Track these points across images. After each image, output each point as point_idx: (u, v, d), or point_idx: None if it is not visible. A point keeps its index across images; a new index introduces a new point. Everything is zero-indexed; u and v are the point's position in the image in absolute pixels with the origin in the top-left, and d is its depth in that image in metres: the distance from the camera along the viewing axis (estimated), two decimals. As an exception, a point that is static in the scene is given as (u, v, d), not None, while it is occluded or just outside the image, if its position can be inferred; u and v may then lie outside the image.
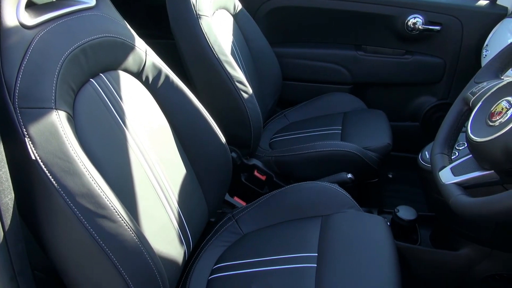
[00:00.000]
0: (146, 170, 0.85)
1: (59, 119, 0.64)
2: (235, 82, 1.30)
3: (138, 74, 0.91)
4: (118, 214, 0.67)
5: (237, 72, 1.32)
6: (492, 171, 0.70)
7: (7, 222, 0.58)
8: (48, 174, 0.61)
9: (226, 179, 1.11)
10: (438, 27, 1.68)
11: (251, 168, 1.47)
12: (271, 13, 1.83)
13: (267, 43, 1.76)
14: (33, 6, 0.75)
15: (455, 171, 0.77)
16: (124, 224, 0.67)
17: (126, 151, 0.81)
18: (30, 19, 0.68)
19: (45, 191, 0.62)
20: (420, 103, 1.85)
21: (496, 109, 0.70)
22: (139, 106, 0.89)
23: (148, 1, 1.90)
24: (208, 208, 1.06)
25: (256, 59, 1.70)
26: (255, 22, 1.73)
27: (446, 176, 0.77)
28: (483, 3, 1.67)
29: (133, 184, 0.80)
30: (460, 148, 0.97)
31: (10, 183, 0.59)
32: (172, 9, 1.29)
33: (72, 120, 0.70)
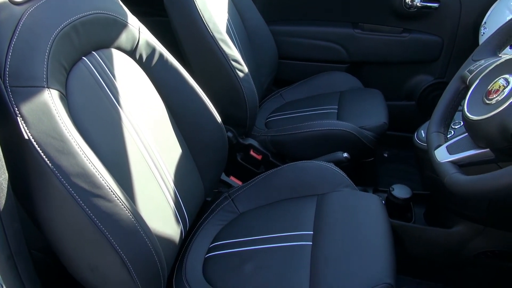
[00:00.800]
0: (141, 149, 0.85)
1: (51, 98, 0.63)
2: (231, 61, 1.29)
3: (132, 52, 0.90)
4: (114, 194, 0.66)
5: (232, 51, 1.30)
6: (488, 150, 0.70)
7: (2, 202, 0.58)
8: (42, 154, 0.60)
9: (222, 158, 1.11)
10: (436, 4, 1.66)
11: (247, 147, 1.47)
12: (267, -10, 1.80)
13: (263, 21, 1.73)
14: (21, -19, 0.73)
15: (451, 150, 0.77)
16: (120, 203, 0.67)
17: (121, 130, 0.80)
18: (18, -5, 0.66)
19: (39, 171, 0.61)
20: (416, 82, 1.84)
21: (493, 87, 0.69)
22: (133, 85, 0.88)
23: (141, -23, 1.86)
24: (204, 188, 1.07)
25: (251, 37, 1.68)
26: (251, -1, 1.70)
27: (442, 154, 0.77)
28: (482, -20, 1.65)
29: (128, 164, 0.80)
30: (456, 127, 0.97)
31: (3, 163, 0.58)
32: (165, -15, 1.26)
33: (65, 99, 0.69)
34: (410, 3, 1.67)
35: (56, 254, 0.71)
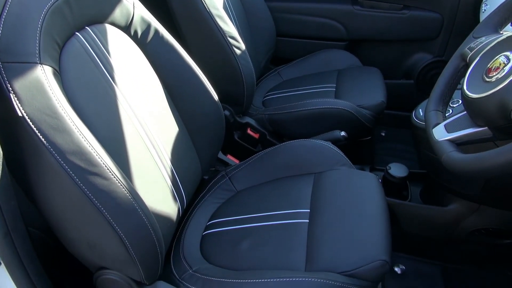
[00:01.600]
0: (137, 127, 0.84)
1: (44, 74, 0.62)
2: (227, 38, 1.26)
3: (126, 28, 0.88)
4: (110, 172, 0.66)
5: (229, 27, 1.28)
6: (486, 128, 0.70)
7: (-3, 179, 0.58)
8: (37, 131, 0.59)
9: (219, 136, 1.10)
10: (437, -20, 1.63)
11: (244, 126, 1.46)
12: (264, -36, 1.75)
13: (261, -4, 1.70)
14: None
15: (449, 128, 0.77)
16: (117, 181, 0.67)
17: (116, 108, 0.79)
18: (7, -33, 0.64)
19: (34, 149, 0.61)
20: (415, 61, 1.83)
21: (494, 64, 0.69)
22: (128, 62, 0.86)
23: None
24: (201, 166, 1.06)
25: (249, 14, 1.64)
26: (248, -26, 1.66)
27: (440, 133, 0.77)
28: (484, -46, 1.61)
29: (124, 142, 0.79)
30: (455, 105, 0.97)
31: (-2, 141, 0.57)
32: (160, -42, 1.22)
33: (59, 76, 0.67)
34: (410, -22, 1.64)
35: (54, 232, 0.71)
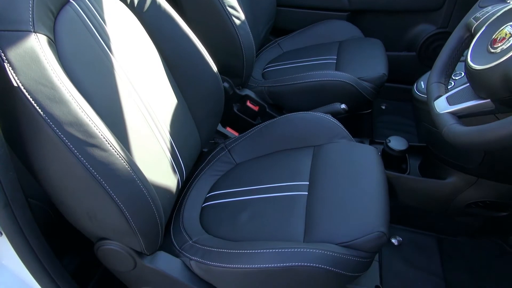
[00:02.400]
0: (135, 99, 0.83)
1: (39, 43, 0.60)
2: (226, 7, 1.23)
3: (122, -4, 0.85)
4: (109, 143, 0.66)
5: (228, -4, 1.24)
6: (488, 100, 0.69)
7: (-5, 150, 0.57)
8: (33, 102, 0.58)
9: (218, 109, 1.09)
10: None
11: (243, 98, 1.45)
12: None
13: (261, -36, 1.64)
14: None
15: (451, 100, 0.76)
16: (115, 153, 0.66)
17: (114, 79, 0.78)
18: None
19: (31, 120, 0.60)
20: (418, 32, 1.79)
21: (499, 35, 0.67)
22: (125, 31, 0.84)
23: None
24: (200, 138, 1.06)
25: (248, -18, 1.60)
26: None
27: (441, 105, 0.76)
28: None
29: (122, 113, 0.78)
30: (457, 78, 0.95)
31: (-6, 111, 0.57)
32: None
33: (54, 45, 0.66)
34: None
35: (54, 203, 0.72)
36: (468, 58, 0.71)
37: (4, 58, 0.57)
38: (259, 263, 0.76)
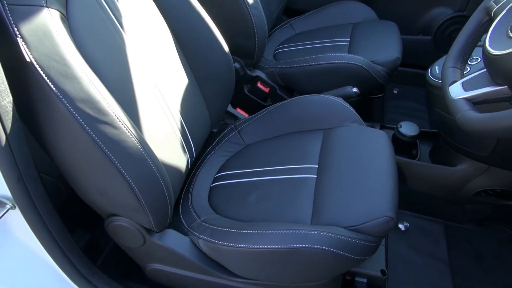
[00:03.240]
0: (145, 76, 0.82)
1: (52, 18, 0.60)
2: (240, -14, 1.21)
3: (134, -28, 0.84)
4: (120, 121, 0.66)
5: (241, -26, 1.22)
6: (505, 87, 0.67)
7: (8, 125, 0.58)
8: (45, 78, 0.58)
9: (228, 89, 1.09)
10: None
11: (254, 79, 1.44)
12: None
13: None
14: None
15: (466, 86, 0.74)
16: (126, 130, 0.67)
17: (125, 56, 0.78)
18: None
19: (43, 96, 0.60)
20: (434, 15, 1.75)
21: (520, 19, 0.65)
22: (137, 9, 0.84)
23: None
24: (210, 118, 1.06)
25: (262, -40, 1.56)
26: None
27: (456, 91, 0.75)
28: None
29: (133, 92, 0.78)
30: (473, 63, 0.93)
31: (7, 86, 0.57)
32: None
33: (66, 21, 0.65)
34: None
35: (66, 179, 0.73)
36: (487, 43, 0.69)
37: (17, 33, 0.57)
38: (266, 244, 0.76)
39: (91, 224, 1.05)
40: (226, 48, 1.02)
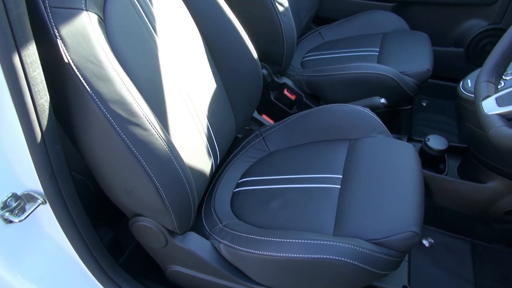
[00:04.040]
0: (176, 80, 0.84)
1: (90, 21, 0.62)
2: (271, -7, 1.22)
3: (170, -22, 0.86)
4: (150, 123, 0.67)
5: (273, -18, 1.23)
6: (543, 104, 0.65)
7: (44, 123, 0.60)
8: (81, 79, 0.60)
9: (255, 95, 1.09)
10: None
11: (281, 86, 1.44)
12: None
13: (307, -50, 1.61)
14: None
15: (500, 101, 0.72)
16: (155, 133, 0.68)
17: (157, 59, 0.79)
18: None
19: (79, 96, 0.62)
20: (468, 27, 1.71)
21: (562, 35, 0.63)
22: (170, 13, 0.85)
23: None
24: (236, 124, 1.07)
25: (294, -32, 1.57)
26: None
27: (490, 106, 0.73)
28: None
29: (163, 95, 0.80)
30: (508, 77, 0.91)
31: (45, 85, 0.59)
32: None
33: (103, 24, 0.67)
34: None
35: (95, 177, 0.75)
36: (524, 58, 0.67)
37: (57, 34, 0.59)
38: (287, 252, 0.76)
39: (115, 222, 1.07)
40: (255, 54, 1.03)
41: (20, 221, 0.64)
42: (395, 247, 0.79)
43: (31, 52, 0.55)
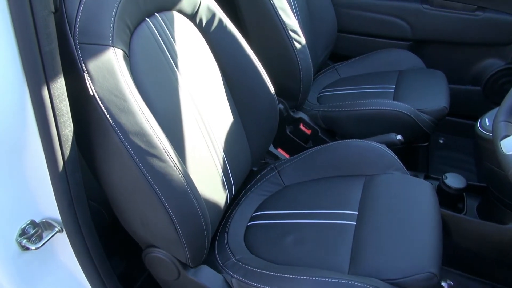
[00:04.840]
0: (194, 114, 0.86)
1: (116, 57, 0.65)
2: (288, 31, 1.26)
3: (192, 16, 0.90)
4: (168, 155, 0.69)
5: (291, 20, 1.27)
6: None
7: (67, 152, 0.62)
8: (105, 111, 0.63)
9: (271, 129, 1.11)
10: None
11: (297, 121, 1.46)
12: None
13: (324, -10, 1.67)
14: None
15: (520, 142, 0.72)
16: (173, 164, 0.69)
17: (177, 93, 0.82)
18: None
19: (101, 127, 0.64)
20: (485, 66, 1.71)
21: None
22: (191, 49, 0.89)
23: None
24: (251, 157, 1.07)
25: (311, 6, 1.62)
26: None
27: (509, 146, 0.72)
28: None
29: (181, 127, 0.82)
30: (527, 117, 0.90)
31: (70, 116, 0.61)
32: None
33: (128, 59, 0.71)
34: (489, -22, 1.53)
35: (111, 205, 0.76)
36: (543, 99, 0.67)
37: (84, 68, 0.62)
38: (301, 290, 0.74)
39: (128, 252, 1.07)
40: (272, 89, 1.05)
41: (37, 248, 0.64)
42: (412, 289, 0.76)
43: (60, 85, 0.58)
